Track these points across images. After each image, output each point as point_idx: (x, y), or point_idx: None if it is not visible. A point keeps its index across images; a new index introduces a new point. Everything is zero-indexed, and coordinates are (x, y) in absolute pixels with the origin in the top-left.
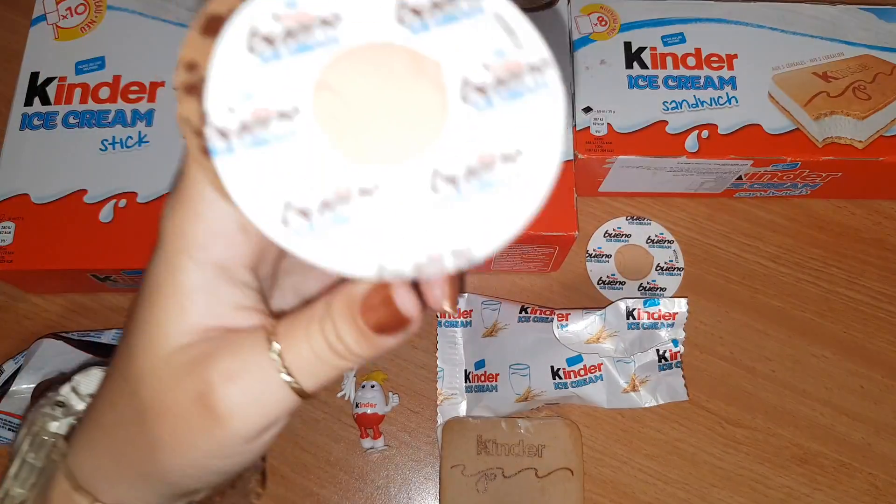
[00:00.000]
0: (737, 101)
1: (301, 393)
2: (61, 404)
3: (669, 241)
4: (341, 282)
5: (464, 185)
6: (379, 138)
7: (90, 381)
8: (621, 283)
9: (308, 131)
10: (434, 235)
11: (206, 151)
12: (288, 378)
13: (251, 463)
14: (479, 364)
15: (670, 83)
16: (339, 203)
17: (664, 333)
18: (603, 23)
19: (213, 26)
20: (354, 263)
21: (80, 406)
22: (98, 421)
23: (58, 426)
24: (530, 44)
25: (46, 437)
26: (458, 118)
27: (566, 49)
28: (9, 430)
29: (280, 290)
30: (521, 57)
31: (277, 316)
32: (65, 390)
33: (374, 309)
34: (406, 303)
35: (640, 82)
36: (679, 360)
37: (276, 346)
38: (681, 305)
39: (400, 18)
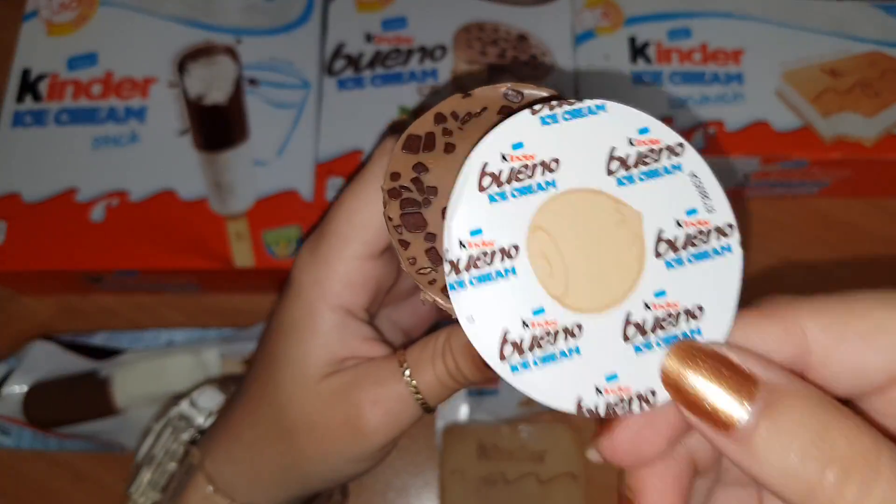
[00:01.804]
0: (744, 98)
1: (427, 409)
2: (184, 417)
3: None
4: (430, 316)
5: (651, 336)
6: (583, 286)
7: (206, 396)
8: None
9: (524, 270)
10: (623, 379)
11: (401, 243)
12: (420, 398)
13: (377, 466)
14: None
15: (675, 79)
16: (546, 341)
17: None
18: (607, 17)
19: (410, 144)
20: (558, 398)
21: (199, 419)
22: (238, 436)
23: (186, 436)
24: (720, 207)
25: (180, 447)
26: (652, 273)
27: (569, 44)
28: (1, 432)
29: (377, 319)
30: (710, 218)
31: (386, 340)
32: (184, 405)
33: None
34: None
35: (645, 78)
36: None
37: (407, 372)
38: None
39: (609, 169)
